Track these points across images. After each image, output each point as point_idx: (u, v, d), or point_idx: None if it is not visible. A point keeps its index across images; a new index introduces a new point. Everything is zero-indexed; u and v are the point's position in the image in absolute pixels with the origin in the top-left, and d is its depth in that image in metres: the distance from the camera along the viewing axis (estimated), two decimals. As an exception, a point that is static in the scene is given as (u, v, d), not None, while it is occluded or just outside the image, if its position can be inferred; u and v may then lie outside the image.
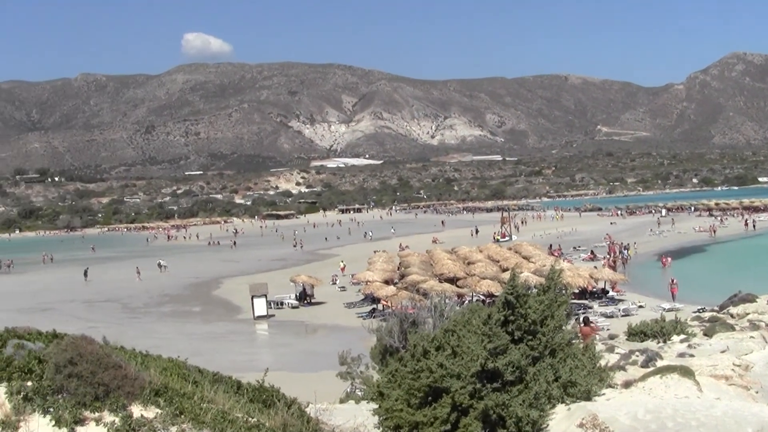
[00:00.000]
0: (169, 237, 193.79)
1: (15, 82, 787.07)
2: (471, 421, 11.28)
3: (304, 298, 66.47)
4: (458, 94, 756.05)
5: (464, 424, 11.32)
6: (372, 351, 20.92)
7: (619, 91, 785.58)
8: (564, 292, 14.36)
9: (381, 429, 12.47)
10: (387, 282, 63.56)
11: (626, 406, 12.77)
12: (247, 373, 17.21)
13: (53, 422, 9.60)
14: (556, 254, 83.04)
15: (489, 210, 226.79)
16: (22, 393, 10.01)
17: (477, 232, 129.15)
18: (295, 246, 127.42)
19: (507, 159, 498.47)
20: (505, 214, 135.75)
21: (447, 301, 24.27)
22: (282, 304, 65.08)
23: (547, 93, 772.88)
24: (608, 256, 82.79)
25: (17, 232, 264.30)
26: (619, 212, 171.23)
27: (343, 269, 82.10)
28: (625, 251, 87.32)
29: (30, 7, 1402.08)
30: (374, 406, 13.06)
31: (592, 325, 32.06)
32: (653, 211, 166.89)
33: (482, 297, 55.56)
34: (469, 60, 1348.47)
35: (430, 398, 11.69)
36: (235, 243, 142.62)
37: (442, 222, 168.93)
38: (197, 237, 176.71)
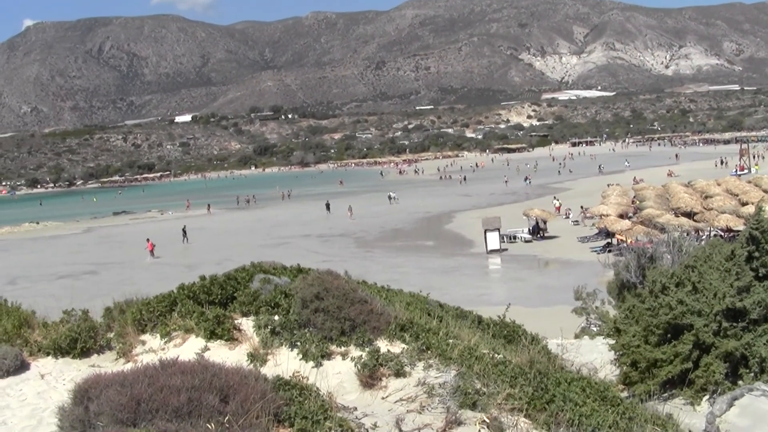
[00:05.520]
0: (400, 171, 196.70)
1: (248, 22, 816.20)
2: (713, 360, 11.04)
3: (537, 231, 66.00)
4: (694, 22, 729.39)
5: (705, 363, 11.09)
6: (609, 286, 20.79)
7: None
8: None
9: (618, 365, 12.40)
10: (621, 216, 62.48)
11: None
12: (481, 307, 17.38)
13: (300, 356, 9.96)
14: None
15: (726, 142, 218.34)
16: (269, 327, 10.45)
17: (723, 163, 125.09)
18: (507, 182, 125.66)
19: (745, 89, 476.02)
20: (744, 146, 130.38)
21: (685, 236, 23.74)
22: (515, 238, 64.88)
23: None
24: None
25: (253, 168, 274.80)
26: None
27: (558, 208, 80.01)
28: None
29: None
30: (610, 341, 12.98)
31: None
32: None
33: (720, 232, 53.85)
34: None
35: (669, 335, 11.50)
36: (465, 178, 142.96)
37: (676, 155, 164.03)
38: (437, 169, 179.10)
